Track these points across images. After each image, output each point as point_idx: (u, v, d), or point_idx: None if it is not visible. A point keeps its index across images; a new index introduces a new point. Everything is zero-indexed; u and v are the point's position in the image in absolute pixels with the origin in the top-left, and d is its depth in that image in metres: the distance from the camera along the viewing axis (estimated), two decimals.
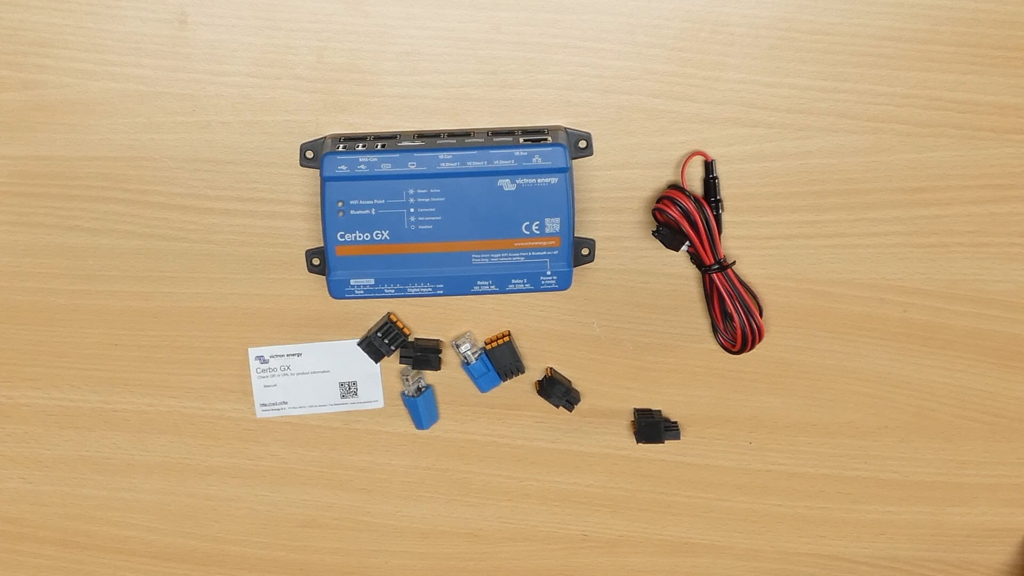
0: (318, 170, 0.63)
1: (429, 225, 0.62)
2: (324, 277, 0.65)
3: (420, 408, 0.69)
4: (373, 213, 0.62)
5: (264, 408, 0.70)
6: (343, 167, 0.62)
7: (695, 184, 0.66)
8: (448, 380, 0.69)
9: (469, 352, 0.68)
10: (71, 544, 0.71)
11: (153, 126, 0.65)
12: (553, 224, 0.63)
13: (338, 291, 0.63)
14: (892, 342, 0.68)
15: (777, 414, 0.70)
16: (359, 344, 0.67)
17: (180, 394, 0.70)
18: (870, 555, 0.71)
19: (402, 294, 0.64)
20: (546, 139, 0.63)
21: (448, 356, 0.69)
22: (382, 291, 0.63)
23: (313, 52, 0.64)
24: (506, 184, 0.62)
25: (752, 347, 0.67)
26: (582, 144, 0.65)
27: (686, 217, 0.64)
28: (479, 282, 0.64)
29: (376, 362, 0.68)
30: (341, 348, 0.69)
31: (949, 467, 0.70)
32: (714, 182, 0.65)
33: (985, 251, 0.67)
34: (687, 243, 0.65)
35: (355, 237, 0.63)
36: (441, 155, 0.62)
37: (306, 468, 0.71)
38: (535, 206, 0.62)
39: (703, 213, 0.64)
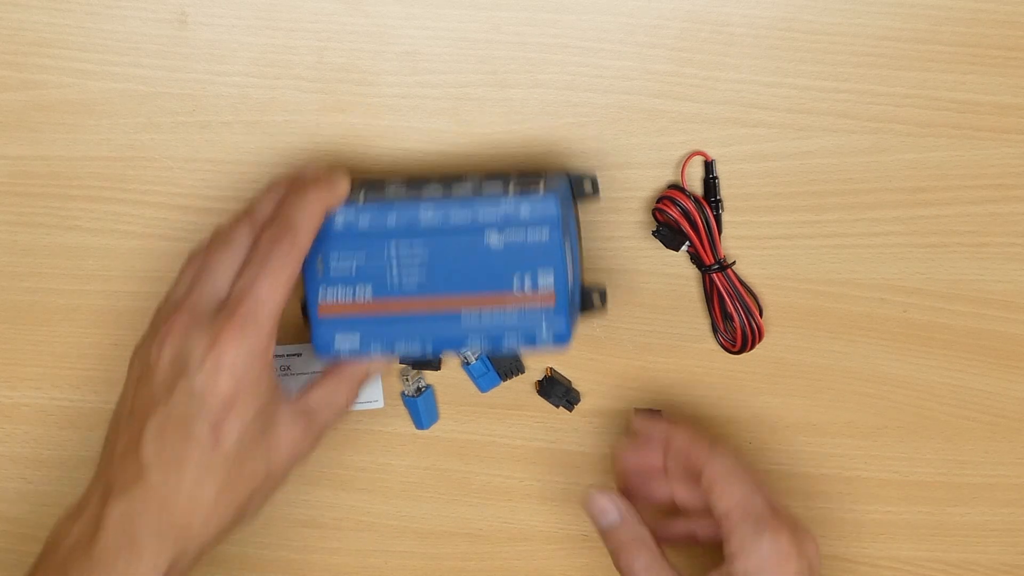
0: None
1: (414, 283, 0.59)
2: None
3: (420, 408, 0.69)
4: (354, 271, 0.59)
5: None
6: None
7: (695, 184, 0.66)
8: (448, 380, 0.69)
9: (469, 352, 0.68)
10: None
11: (153, 126, 0.65)
12: (547, 279, 0.58)
13: (323, 350, 0.60)
14: (892, 342, 0.68)
15: (777, 414, 0.70)
16: None
17: None
18: (870, 555, 0.71)
19: (389, 351, 0.60)
20: (539, 184, 0.59)
21: (448, 356, 0.69)
22: (369, 347, 0.60)
23: (313, 52, 0.64)
24: (493, 239, 0.58)
25: (752, 347, 0.67)
26: (588, 187, 0.62)
27: (686, 217, 0.64)
28: (470, 338, 0.59)
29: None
30: None
31: (949, 467, 0.70)
32: (714, 182, 0.65)
33: (985, 251, 0.67)
34: (687, 243, 0.65)
35: (337, 295, 0.59)
36: (422, 209, 0.58)
37: (306, 468, 0.71)
38: (526, 260, 0.58)
39: (703, 213, 0.64)
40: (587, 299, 0.63)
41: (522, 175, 0.61)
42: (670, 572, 0.60)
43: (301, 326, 0.68)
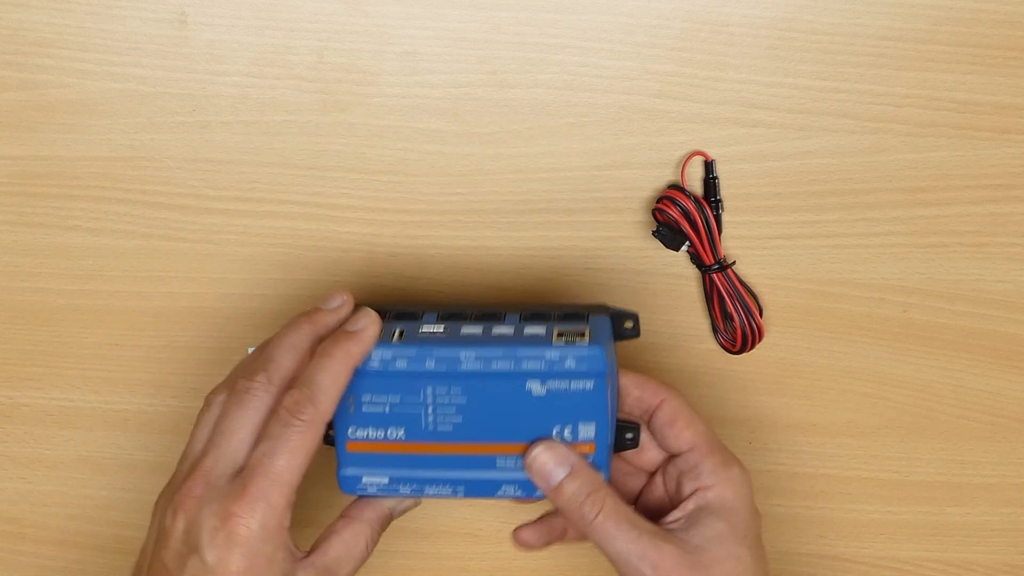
0: None
1: (449, 427, 0.56)
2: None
3: None
4: (387, 411, 0.56)
5: None
6: None
7: (695, 184, 0.66)
8: None
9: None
10: (71, 544, 0.71)
11: (153, 126, 0.65)
12: (588, 431, 0.56)
13: (349, 488, 0.58)
14: (892, 342, 0.68)
15: (777, 414, 0.70)
16: None
17: (180, 394, 0.70)
18: (870, 555, 0.71)
19: (418, 494, 0.58)
20: (584, 330, 0.56)
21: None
22: (396, 490, 0.57)
23: (313, 52, 0.64)
24: (535, 387, 0.56)
25: (752, 347, 0.67)
26: (628, 324, 0.59)
27: (686, 217, 0.64)
28: (504, 487, 0.57)
29: None
30: None
31: (949, 467, 0.70)
32: (714, 182, 0.65)
33: (985, 251, 0.67)
34: (687, 243, 0.65)
35: (367, 434, 0.57)
36: (463, 354, 0.56)
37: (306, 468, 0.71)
38: (568, 411, 0.56)
39: (703, 213, 0.64)
40: (622, 437, 0.60)
41: (565, 315, 0.58)
42: (634, 515, 0.56)
43: None
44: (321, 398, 0.54)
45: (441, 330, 0.57)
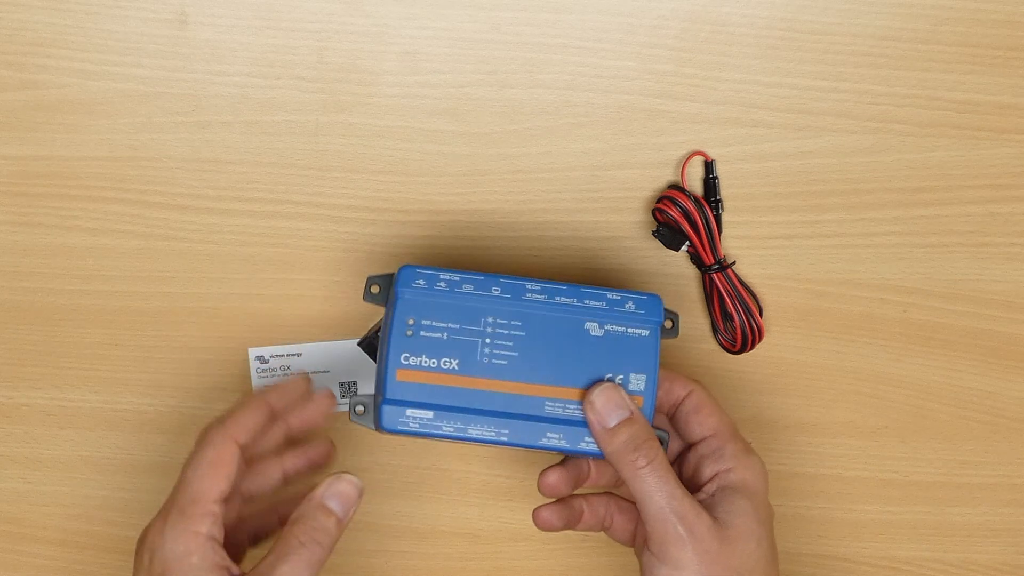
0: (382, 306, 0.59)
1: (504, 361, 0.57)
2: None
3: None
4: (445, 338, 0.57)
5: None
6: (420, 281, 0.57)
7: (695, 184, 0.66)
8: None
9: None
10: (71, 544, 0.71)
11: (153, 126, 0.65)
12: (639, 382, 0.57)
13: (390, 422, 0.56)
14: (892, 342, 0.68)
15: (777, 414, 0.70)
16: (359, 344, 0.67)
17: (180, 394, 0.70)
18: (870, 555, 0.71)
19: (461, 435, 0.57)
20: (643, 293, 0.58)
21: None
22: (439, 428, 0.57)
23: (313, 52, 0.64)
24: (593, 328, 0.57)
25: (752, 347, 0.67)
26: (668, 324, 0.59)
27: (686, 217, 0.64)
28: (549, 434, 0.57)
29: (376, 362, 0.67)
30: (341, 348, 0.69)
31: (949, 467, 0.70)
32: (714, 182, 0.65)
33: (985, 251, 0.67)
34: (687, 243, 0.65)
35: (420, 362, 0.57)
36: (528, 285, 0.57)
37: None
38: (621, 357, 0.57)
39: (703, 213, 0.64)
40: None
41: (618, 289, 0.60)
42: (677, 477, 0.57)
43: (301, 326, 0.68)
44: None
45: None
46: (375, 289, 0.59)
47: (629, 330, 0.58)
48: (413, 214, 0.67)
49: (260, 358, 0.69)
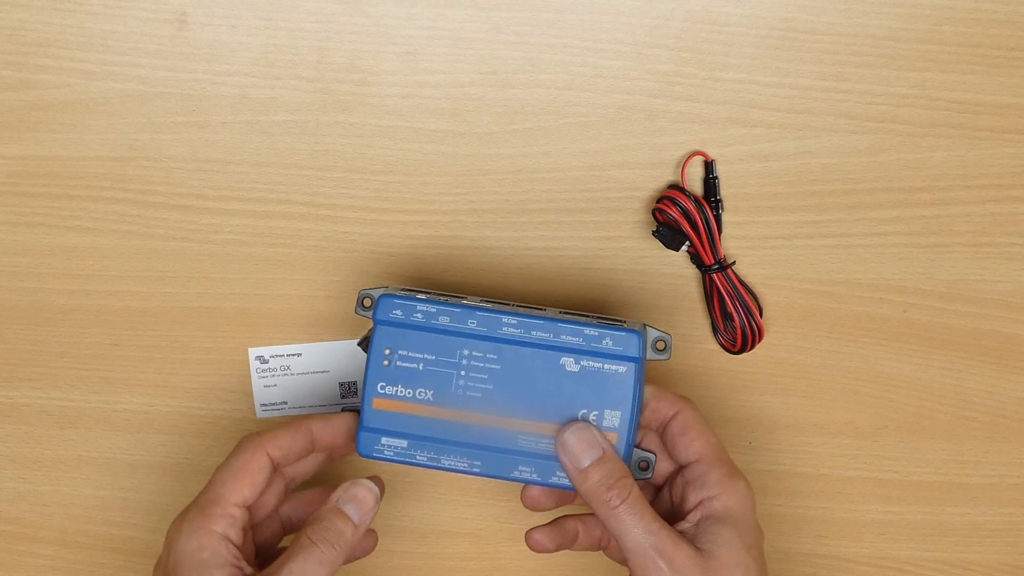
0: (370, 318, 0.59)
1: (478, 393, 0.57)
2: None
3: None
4: (420, 368, 0.58)
5: (264, 408, 0.70)
6: (398, 312, 0.58)
7: (695, 184, 0.66)
8: None
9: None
10: (71, 544, 0.71)
11: (153, 126, 0.65)
12: (613, 418, 0.58)
13: (367, 448, 0.58)
14: (892, 342, 0.68)
15: (777, 414, 0.70)
16: (359, 344, 0.67)
17: (180, 394, 0.70)
18: (870, 555, 0.71)
19: (434, 464, 0.58)
20: (623, 322, 0.59)
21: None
22: (413, 457, 0.58)
23: (313, 52, 0.64)
24: (569, 363, 0.57)
25: (752, 347, 0.67)
26: (660, 345, 0.59)
27: (686, 217, 0.64)
28: (520, 467, 0.58)
29: None
30: (341, 348, 0.69)
31: (949, 467, 0.70)
32: (714, 182, 0.65)
33: (985, 251, 0.67)
34: (687, 243, 0.65)
35: (396, 391, 0.58)
36: (505, 319, 0.58)
37: None
38: (597, 394, 0.57)
39: (703, 213, 0.64)
40: (636, 466, 0.59)
41: (601, 317, 0.60)
42: (654, 512, 0.57)
43: (301, 326, 0.68)
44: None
45: (484, 304, 0.59)
46: (367, 303, 0.59)
47: (606, 366, 0.58)
48: (413, 214, 0.67)
49: (260, 358, 0.69)
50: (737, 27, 0.64)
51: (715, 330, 0.68)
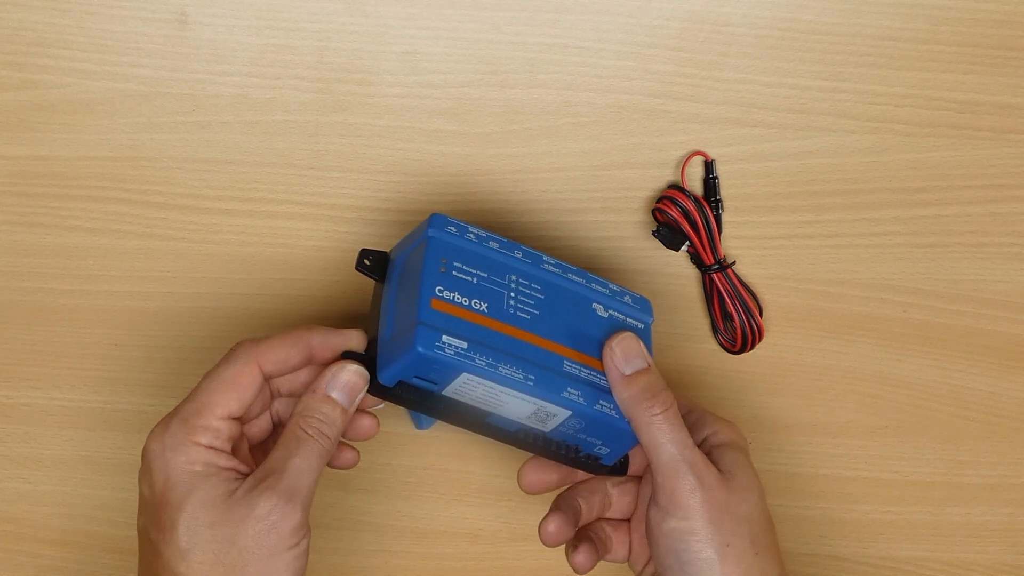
0: (372, 278, 0.60)
1: (527, 315, 0.58)
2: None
3: None
4: (475, 282, 0.57)
5: None
6: (452, 228, 0.58)
7: (695, 184, 0.66)
8: None
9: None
10: (71, 544, 0.71)
11: (153, 126, 0.65)
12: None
13: (426, 342, 0.54)
14: (892, 342, 0.68)
15: (777, 414, 0.70)
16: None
17: (180, 394, 0.69)
18: (870, 555, 0.71)
19: (491, 372, 0.55)
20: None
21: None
22: (473, 360, 0.55)
23: (313, 52, 0.64)
24: (599, 309, 0.60)
25: (752, 347, 0.67)
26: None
27: (686, 217, 0.64)
28: (569, 389, 0.57)
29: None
30: None
31: (949, 467, 0.70)
32: (714, 182, 0.65)
33: (985, 251, 0.67)
34: (687, 243, 0.65)
35: (453, 297, 0.56)
36: (545, 257, 0.60)
37: None
38: None
39: (703, 213, 0.64)
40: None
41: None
42: (687, 430, 0.57)
43: (304, 317, 0.68)
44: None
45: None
46: (367, 261, 0.60)
47: (628, 320, 0.61)
48: (413, 214, 0.67)
49: None
50: (737, 27, 0.64)
51: (715, 330, 0.68)
